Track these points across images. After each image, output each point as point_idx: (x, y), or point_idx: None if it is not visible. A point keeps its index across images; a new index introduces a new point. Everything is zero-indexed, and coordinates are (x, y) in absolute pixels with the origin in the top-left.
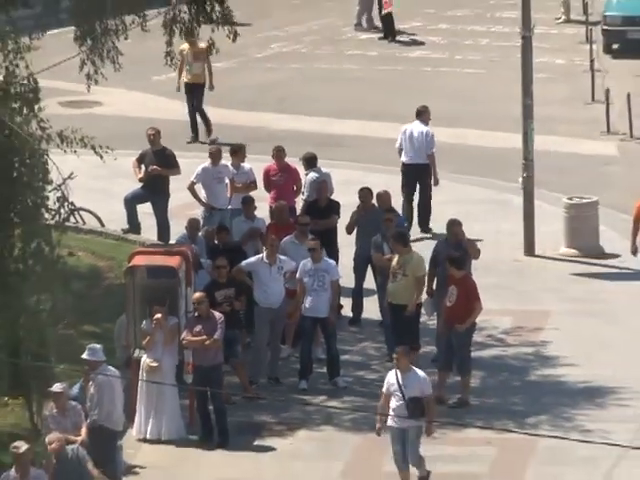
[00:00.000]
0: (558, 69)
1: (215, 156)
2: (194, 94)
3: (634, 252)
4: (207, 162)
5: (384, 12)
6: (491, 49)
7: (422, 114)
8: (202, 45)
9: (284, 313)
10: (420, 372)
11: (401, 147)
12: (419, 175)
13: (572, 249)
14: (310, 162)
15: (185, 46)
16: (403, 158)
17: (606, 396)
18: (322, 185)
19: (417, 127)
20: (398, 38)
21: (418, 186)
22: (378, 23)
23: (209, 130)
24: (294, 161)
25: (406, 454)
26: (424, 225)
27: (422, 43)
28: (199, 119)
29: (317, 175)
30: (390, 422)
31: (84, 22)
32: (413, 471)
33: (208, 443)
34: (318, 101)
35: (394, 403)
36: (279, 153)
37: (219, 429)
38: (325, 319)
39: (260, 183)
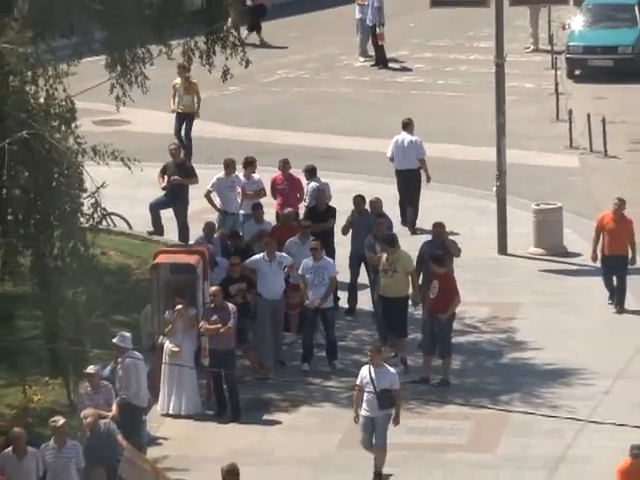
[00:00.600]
0: (527, 92)
1: (229, 167)
2: (184, 122)
3: (594, 259)
4: (221, 173)
5: (379, 43)
6: (469, 75)
7: (408, 125)
8: (193, 80)
9: (284, 304)
10: (390, 368)
11: (392, 156)
12: (410, 179)
13: (540, 249)
14: (311, 173)
15: (178, 80)
16: (395, 165)
17: (569, 376)
18: (321, 193)
19: (407, 137)
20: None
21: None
22: (370, 52)
23: (187, 154)
24: (297, 172)
25: (372, 439)
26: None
27: (409, 69)
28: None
29: (317, 184)
30: (362, 411)
31: (115, 51)
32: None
33: (222, 417)
34: (318, 120)
35: (366, 395)
36: (284, 165)
37: (232, 405)
38: (324, 309)
39: (268, 191)
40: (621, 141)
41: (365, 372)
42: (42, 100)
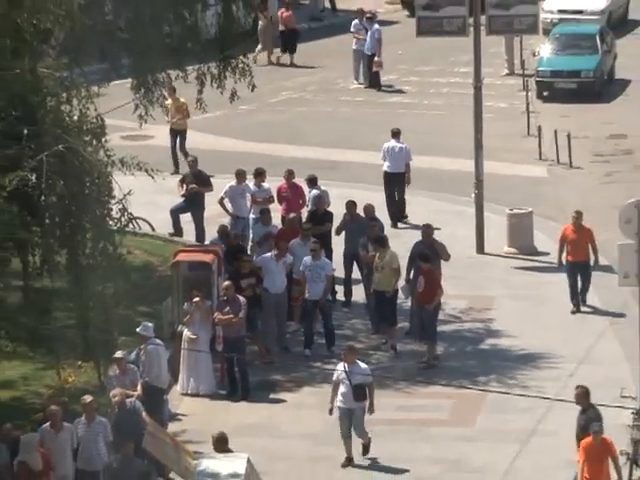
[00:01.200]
0: (502, 111)
1: (240, 176)
2: (177, 137)
3: (560, 265)
4: (233, 181)
5: (374, 69)
6: (451, 96)
7: (397, 134)
8: (182, 100)
9: (286, 298)
10: (362, 364)
11: (384, 159)
12: (397, 180)
13: (513, 248)
14: (312, 182)
15: (169, 101)
16: (385, 168)
17: (539, 361)
18: (320, 199)
19: (396, 144)
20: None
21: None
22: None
23: (176, 167)
24: (300, 181)
25: (351, 429)
26: (395, 221)
27: (398, 91)
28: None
29: (317, 191)
30: (339, 403)
31: (139, 75)
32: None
33: (234, 396)
34: (318, 135)
35: (342, 389)
36: (289, 175)
37: (242, 386)
38: (319, 302)
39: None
40: (584, 154)
41: (341, 369)
42: (76, 118)
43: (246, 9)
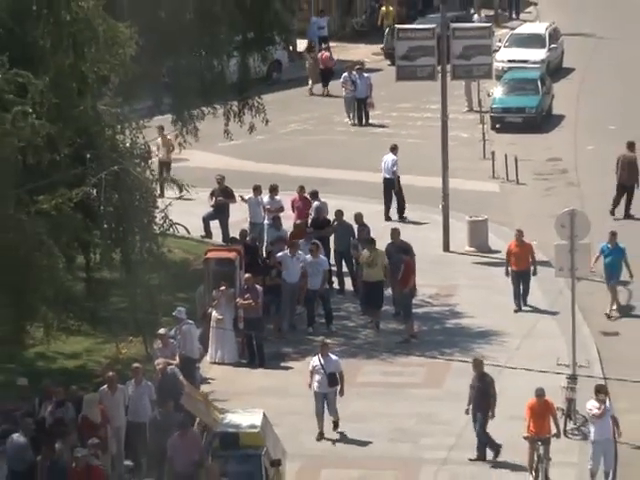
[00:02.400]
0: (463, 139)
1: (256, 190)
2: (164, 169)
3: (507, 274)
4: (251, 194)
5: (368, 108)
6: (423, 127)
7: (394, 149)
8: (169, 137)
9: (298, 287)
10: (334, 356)
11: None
12: (390, 184)
13: (472, 247)
14: (314, 195)
15: (159, 139)
16: (383, 174)
17: (492, 336)
18: (321, 210)
19: (390, 157)
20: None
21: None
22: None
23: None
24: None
25: (324, 409)
26: (401, 214)
27: (382, 125)
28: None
29: (318, 203)
30: (315, 389)
31: (178, 112)
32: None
33: (252, 364)
34: (318, 158)
35: (317, 377)
36: (300, 190)
37: (259, 356)
38: (319, 290)
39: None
40: (528, 173)
41: (316, 361)
42: (127, 145)
43: (261, 61)
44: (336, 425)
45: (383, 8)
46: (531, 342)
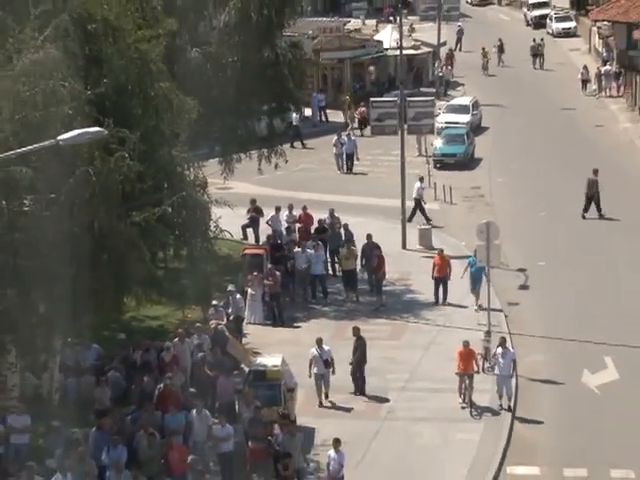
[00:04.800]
0: (415, 174)
1: (278, 209)
2: None
3: (433, 278)
4: (273, 212)
5: (354, 161)
6: (390, 166)
7: (422, 179)
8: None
9: (307, 272)
10: (326, 347)
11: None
12: (418, 202)
13: (421, 246)
14: (332, 212)
15: None
16: (413, 195)
17: (435, 306)
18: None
19: (417, 184)
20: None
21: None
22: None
23: None
24: (311, 210)
25: (322, 385)
26: (427, 220)
27: (363, 173)
28: None
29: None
30: (315, 371)
31: (223, 155)
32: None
33: (274, 324)
34: (318, 187)
35: (316, 363)
36: (304, 208)
37: (279, 318)
38: (321, 275)
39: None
40: (458, 197)
41: (314, 351)
42: (192, 178)
43: (281, 122)
44: (327, 396)
45: (347, 97)
46: (461, 309)
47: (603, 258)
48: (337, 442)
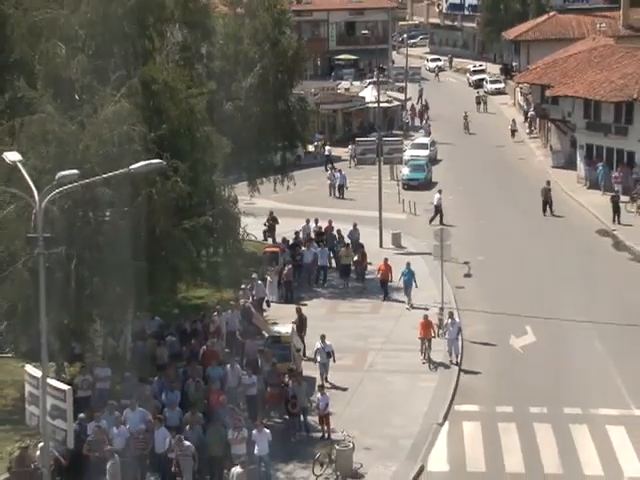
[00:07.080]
0: (389, 193)
1: (307, 220)
2: None
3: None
4: (304, 222)
5: (345, 190)
6: (370, 189)
7: (440, 191)
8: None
9: (312, 266)
10: (329, 342)
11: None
12: (438, 209)
13: (393, 246)
14: (316, 220)
15: None
16: (434, 203)
17: (402, 289)
18: (321, 228)
19: (437, 195)
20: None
21: None
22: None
23: None
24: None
25: (324, 372)
26: (442, 222)
27: (352, 198)
28: None
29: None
30: (319, 360)
31: (249, 180)
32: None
33: (287, 301)
34: (319, 202)
35: (320, 354)
36: (307, 219)
37: (290, 297)
38: (324, 267)
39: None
40: (420, 210)
41: (318, 344)
42: (226, 195)
43: (291, 154)
44: (326, 379)
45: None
46: (421, 292)
47: (529, 252)
48: (321, 387)
